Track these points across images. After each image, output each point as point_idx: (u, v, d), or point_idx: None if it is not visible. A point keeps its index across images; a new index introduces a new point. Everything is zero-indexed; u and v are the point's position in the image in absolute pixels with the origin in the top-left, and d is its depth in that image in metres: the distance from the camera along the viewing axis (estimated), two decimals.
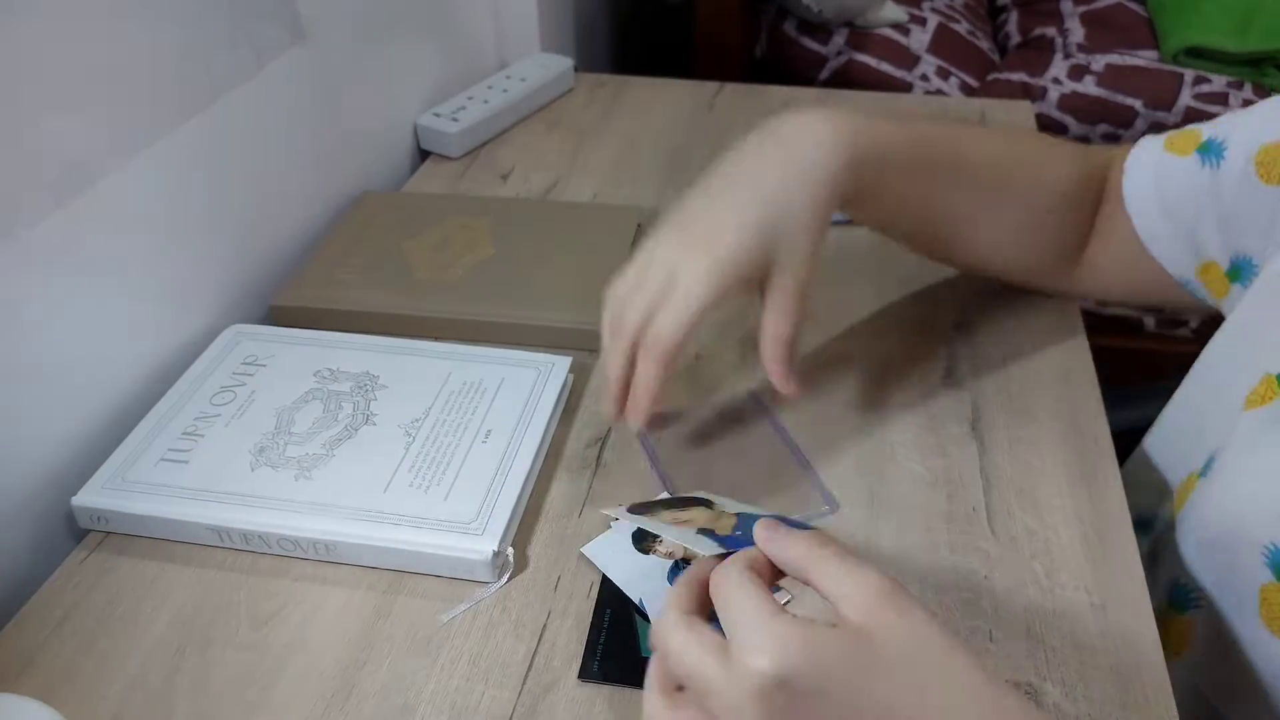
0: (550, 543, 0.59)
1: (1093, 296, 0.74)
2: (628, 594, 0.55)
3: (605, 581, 0.56)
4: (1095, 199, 0.69)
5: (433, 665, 0.52)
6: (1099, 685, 0.50)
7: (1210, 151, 0.63)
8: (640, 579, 0.56)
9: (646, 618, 0.54)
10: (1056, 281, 0.73)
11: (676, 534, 0.49)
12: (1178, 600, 0.59)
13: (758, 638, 0.36)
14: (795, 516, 0.47)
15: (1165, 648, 0.52)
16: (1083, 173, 0.68)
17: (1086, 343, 0.72)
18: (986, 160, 0.64)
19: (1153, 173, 0.66)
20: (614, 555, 0.57)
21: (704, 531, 0.47)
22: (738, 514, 0.49)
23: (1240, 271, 0.63)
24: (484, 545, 0.55)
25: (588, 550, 0.58)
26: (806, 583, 0.40)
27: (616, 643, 0.53)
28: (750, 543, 0.44)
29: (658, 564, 0.56)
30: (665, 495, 0.60)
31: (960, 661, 0.37)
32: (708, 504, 0.56)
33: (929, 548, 0.58)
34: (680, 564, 0.55)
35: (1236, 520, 0.56)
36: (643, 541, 0.57)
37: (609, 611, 0.54)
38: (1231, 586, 0.56)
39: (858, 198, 0.59)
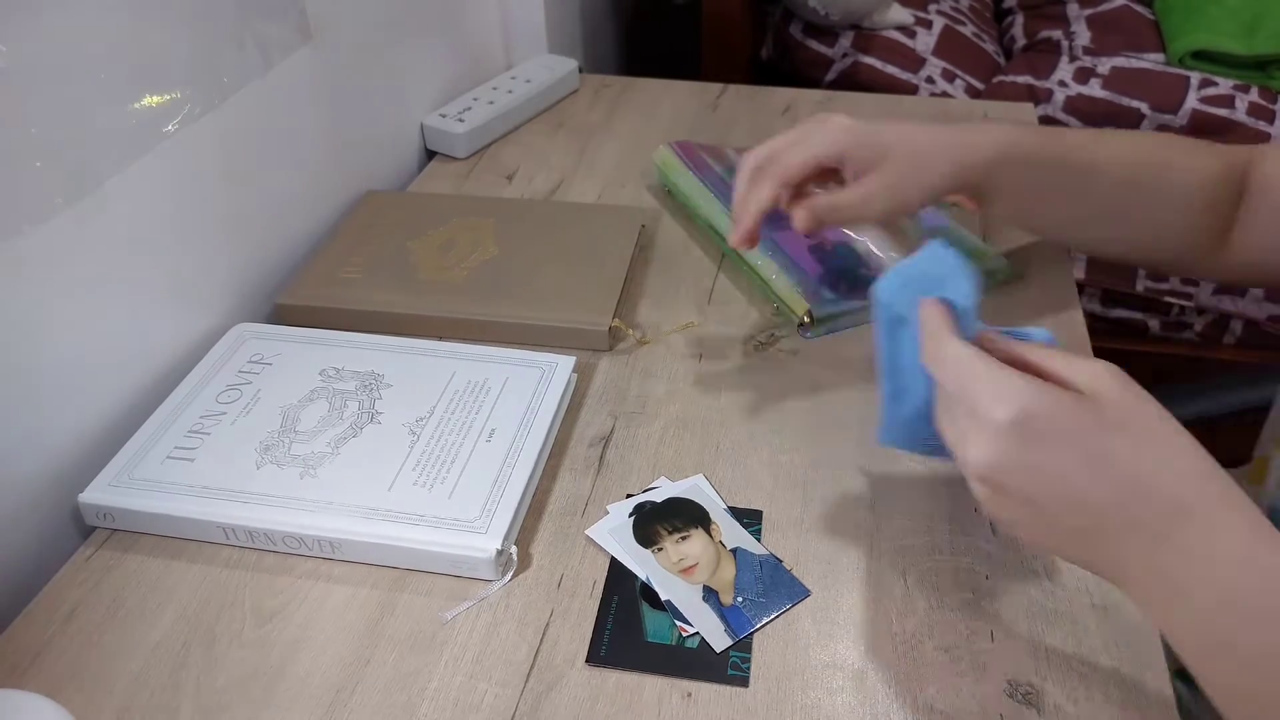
0: (553, 541, 0.59)
1: (1246, 283, 0.74)
2: (635, 571, 0.56)
3: (611, 566, 0.57)
4: (1236, 194, 0.70)
5: (436, 663, 0.52)
6: (1100, 686, 0.50)
7: None
8: (648, 559, 0.57)
9: (653, 602, 0.55)
10: (1200, 268, 0.75)
11: (684, 593, 0.55)
12: None
13: (995, 388, 0.41)
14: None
15: None
16: (1223, 169, 0.70)
17: (1089, 345, 0.72)
18: (1116, 163, 0.69)
19: None
20: (619, 537, 0.59)
21: (709, 592, 0.55)
22: (734, 549, 0.57)
23: None
24: (487, 544, 0.56)
25: (592, 533, 0.59)
26: (1040, 372, 0.43)
27: (623, 629, 0.54)
28: (746, 618, 0.54)
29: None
30: (661, 489, 0.61)
31: (1182, 439, 0.41)
32: (705, 521, 0.59)
33: (931, 548, 0.58)
34: (708, 590, 0.55)
35: None
36: (648, 542, 0.58)
37: (615, 598, 0.55)
38: None
39: (1002, 189, 0.66)
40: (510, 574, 0.56)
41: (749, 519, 0.60)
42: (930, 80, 1.58)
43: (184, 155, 0.69)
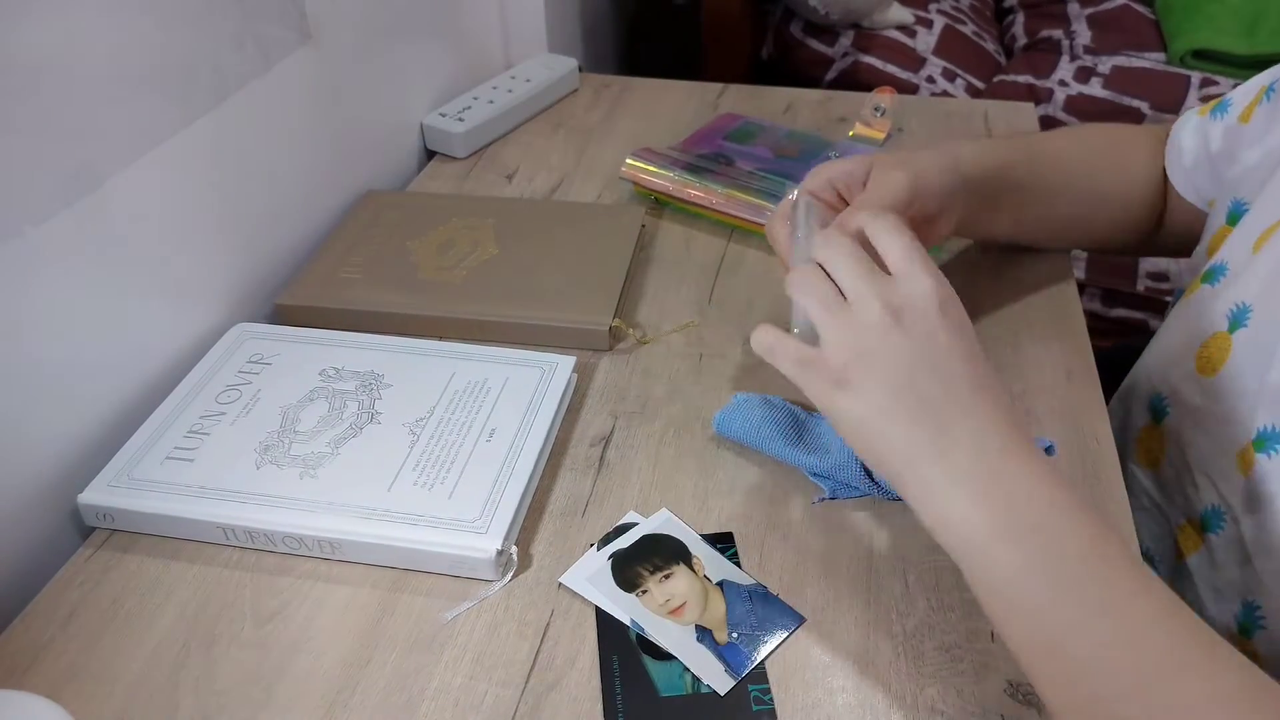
0: (553, 541, 0.59)
1: (1176, 253, 0.80)
2: (622, 619, 0.53)
3: (599, 617, 0.54)
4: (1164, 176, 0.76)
5: (436, 663, 0.52)
6: None
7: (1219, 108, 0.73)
8: (633, 604, 0.54)
9: (653, 652, 0.52)
10: (1147, 248, 0.81)
11: (677, 636, 0.53)
12: None
13: (916, 266, 0.49)
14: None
15: None
16: (1154, 153, 0.76)
17: (1089, 343, 0.72)
18: (1068, 173, 0.74)
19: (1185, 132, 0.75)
20: (598, 581, 0.56)
21: (702, 632, 0.53)
22: (720, 582, 0.56)
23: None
24: (487, 544, 0.56)
25: (567, 580, 0.56)
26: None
27: (632, 690, 0.50)
28: (745, 654, 0.52)
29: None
30: (636, 526, 0.60)
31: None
32: (686, 556, 0.57)
33: (930, 547, 0.57)
34: (701, 630, 0.53)
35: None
36: (631, 586, 0.55)
37: (615, 659, 0.52)
38: None
39: (975, 211, 0.69)
40: (510, 574, 0.56)
41: (721, 544, 0.58)
42: (931, 80, 1.58)
43: (184, 155, 0.69)
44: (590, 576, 0.56)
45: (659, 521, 0.59)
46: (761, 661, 0.52)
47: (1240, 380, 0.60)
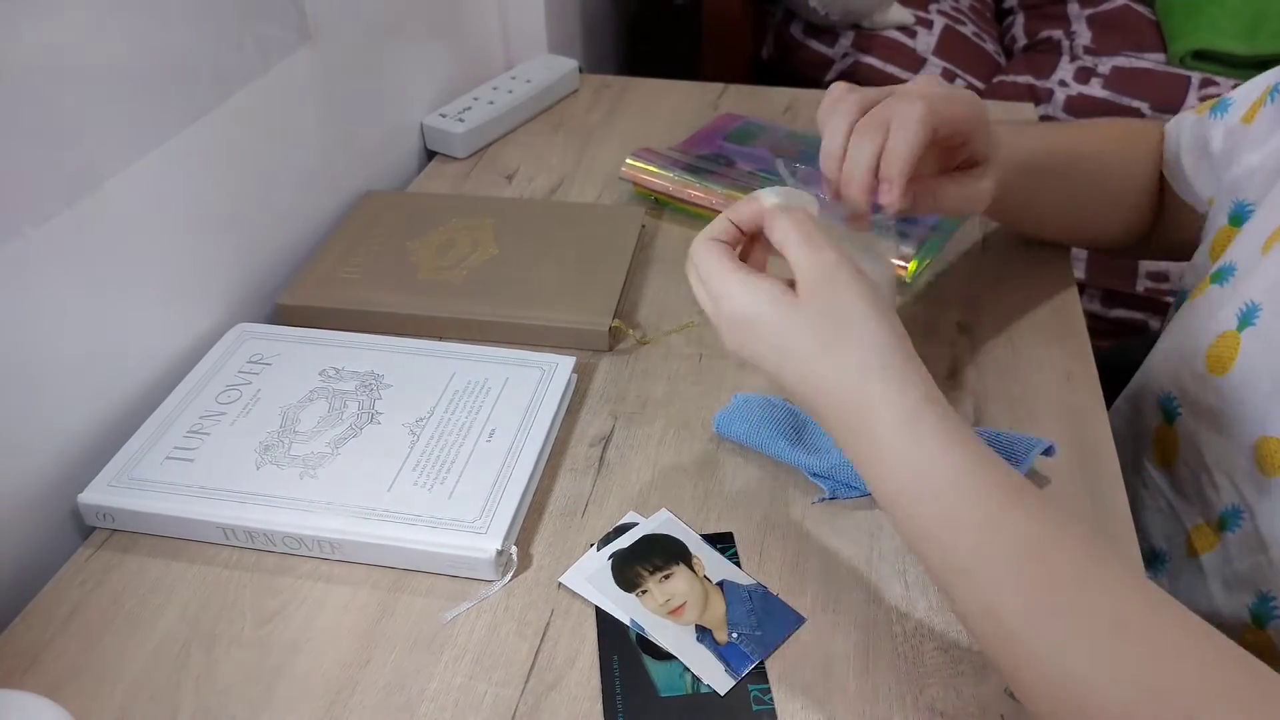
0: (553, 542, 0.59)
1: (1171, 256, 0.80)
2: (622, 619, 0.54)
3: (598, 618, 0.54)
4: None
5: (436, 663, 0.52)
6: None
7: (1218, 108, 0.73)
8: (633, 604, 0.55)
9: (652, 652, 0.52)
10: (1143, 250, 0.82)
11: (676, 636, 0.53)
12: None
13: (718, 285, 0.51)
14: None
15: None
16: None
17: (1089, 344, 0.72)
18: (1092, 156, 0.74)
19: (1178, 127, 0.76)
20: (598, 581, 0.56)
21: (702, 632, 0.53)
22: (720, 582, 0.56)
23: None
24: (487, 544, 0.56)
25: (567, 580, 0.56)
26: (781, 250, 0.51)
27: (632, 691, 0.50)
28: (745, 654, 0.52)
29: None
30: (636, 527, 0.60)
31: (869, 328, 0.47)
32: (686, 556, 0.57)
33: None
34: (701, 630, 0.53)
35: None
36: (630, 586, 0.56)
37: (615, 659, 0.52)
38: None
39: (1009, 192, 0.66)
40: (510, 574, 0.56)
41: (721, 544, 0.58)
42: None
43: (184, 155, 0.69)
44: (590, 576, 0.56)
45: (659, 521, 0.59)
46: (761, 661, 0.52)
47: (1251, 377, 0.60)
